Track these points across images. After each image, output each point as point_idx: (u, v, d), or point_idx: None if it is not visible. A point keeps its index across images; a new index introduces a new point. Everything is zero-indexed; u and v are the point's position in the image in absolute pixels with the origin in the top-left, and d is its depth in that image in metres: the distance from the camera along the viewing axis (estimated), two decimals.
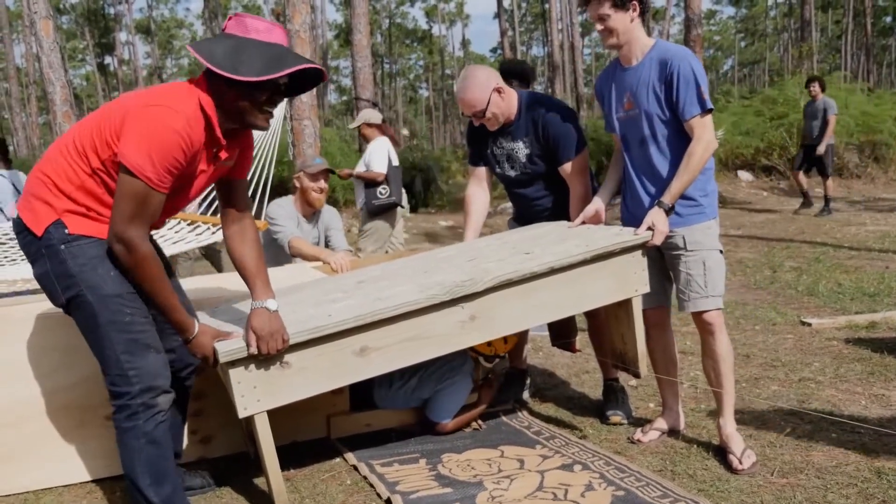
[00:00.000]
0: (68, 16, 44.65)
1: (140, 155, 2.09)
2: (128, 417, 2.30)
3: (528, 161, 3.33)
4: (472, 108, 3.22)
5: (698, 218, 2.84)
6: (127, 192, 2.12)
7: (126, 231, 2.15)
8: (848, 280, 5.93)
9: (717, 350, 2.86)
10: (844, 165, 13.94)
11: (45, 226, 2.22)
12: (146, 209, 2.16)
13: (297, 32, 8.78)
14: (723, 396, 2.89)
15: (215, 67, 2.12)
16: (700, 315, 2.85)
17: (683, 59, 2.76)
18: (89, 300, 2.24)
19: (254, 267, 2.43)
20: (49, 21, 8.78)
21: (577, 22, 28.44)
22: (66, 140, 2.28)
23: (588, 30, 52.33)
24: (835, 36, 47.59)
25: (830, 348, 4.21)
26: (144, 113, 2.12)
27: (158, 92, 2.22)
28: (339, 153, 13.70)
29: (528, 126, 3.28)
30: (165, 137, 2.10)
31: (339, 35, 47.80)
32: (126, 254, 2.17)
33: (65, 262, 2.22)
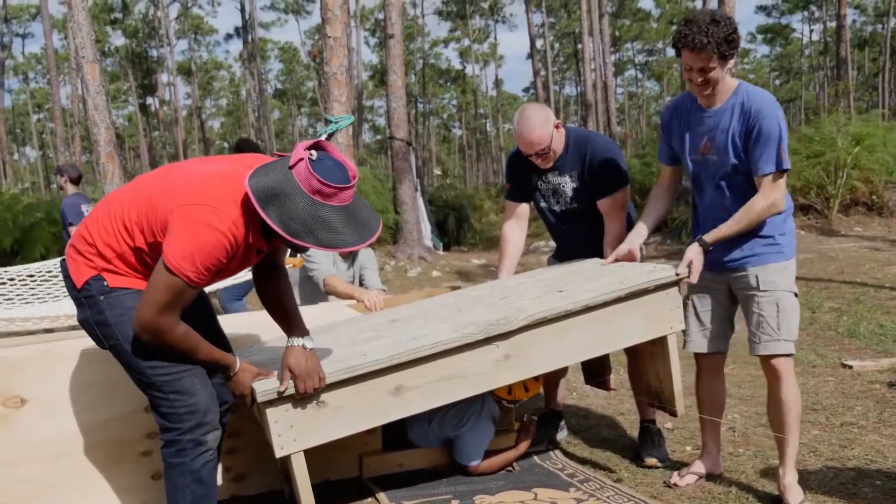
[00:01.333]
0: (112, 58, 46.05)
1: (183, 255, 2.07)
2: (176, 453, 2.32)
3: (575, 196, 3.34)
4: (537, 147, 3.20)
5: (775, 257, 2.77)
6: (163, 285, 2.10)
7: (156, 321, 2.13)
8: (890, 321, 5.80)
9: (784, 398, 2.76)
10: (885, 204, 13.71)
11: (85, 279, 2.27)
12: (179, 301, 2.15)
13: (334, 75, 8.97)
14: (785, 446, 2.79)
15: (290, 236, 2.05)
16: (769, 359, 2.76)
17: (769, 115, 2.65)
18: (127, 350, 2.28)
19: (288, 305, 2.45)
20: (96, 65, 9.09)
21: (609, 62, 28.60)
22: (115, 207, 2.27)
23: (621, 70, 52.57)
24: (872, 74, 47.17)
25: (873, 392, 4.10)
26: (191, 212, 2.10)
27: (206, 189, 2.15)
28: (373, 192, 13.84)
29: (576, 161, 3.29)
30: (210, 239, 2.08)
31: (374, 76, 48.59)
32: (156, 340, 2.18)
33: (103, 312, 2.27)
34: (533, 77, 31.34)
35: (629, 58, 56.31)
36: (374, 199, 13.38)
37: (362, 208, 2.21)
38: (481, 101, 55.50)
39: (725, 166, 2.77)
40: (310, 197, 2.07)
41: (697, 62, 2.65)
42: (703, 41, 2.59)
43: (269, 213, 2.04)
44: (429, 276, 11.21)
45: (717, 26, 2.59)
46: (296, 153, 2.10)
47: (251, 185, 2.05)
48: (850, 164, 13.20)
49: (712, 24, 2.60)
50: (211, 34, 50.51)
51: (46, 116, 47.27)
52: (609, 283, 2.84)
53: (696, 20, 2.63)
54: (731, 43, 2.62)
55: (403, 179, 12.87)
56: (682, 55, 2.69)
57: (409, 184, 12.91)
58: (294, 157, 2.09)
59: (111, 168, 9.07)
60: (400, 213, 13.02)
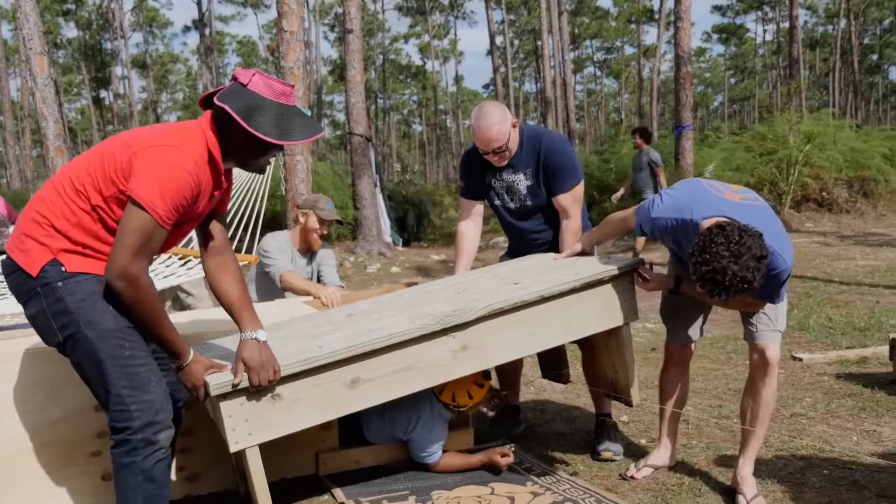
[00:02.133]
0: (65, 50, 44.97)
1: (152, 191, 2.11)
2: (127, 453, 2.26)
3: (529, 193, 3.35)
4: (495, 144, 3.19)
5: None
6: (135, 226, 2.12)
7: (130, 265, 2.13)
8: (838, 315, 5.95)
9: (764, 394, 2.77)
10: (834, 201, 14.06)
11: (41, 265, 2.21)
12: (150, 244, 2.17)
13: (290, 69, 8.88)
14: (750, 439, 2.82)
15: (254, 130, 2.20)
16: (761, 349, 2.76)
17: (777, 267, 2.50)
18: (88, 336, 2.22)
19: (238, 299, 2.40)
20: (44, 57, 8.85)
21: (568, 59, 28.80)
22: (61, 179, 2.27)
23: (580, 67, 53.00)
24: (823, 73, 48.32)
25: (821, 383, 4.20)
26: (155, 152, 2.16)
27: (166, 131, 2.25)
28: (333, 188, 13.76)
29: (530, 158, 3.30)
30: (176, 176, 2.14)
31: (333, 71, 48.26)
32: (129, 288, 2.16)
33: (62, 300, 2.21)
34: (493, 73, 31.43)
35: (588, 55, 56.80)
36: (334, 195, 13.27)
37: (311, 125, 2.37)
38: (441, 97, 55.49)
39: None
40: (276, 102, 2.25)
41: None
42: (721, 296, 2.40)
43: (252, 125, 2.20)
44: (388, 271, 11.18)
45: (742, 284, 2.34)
46: (243, 74, 2.26)
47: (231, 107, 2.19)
48: (802, 161, 13.52)
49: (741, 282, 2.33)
50: (167, 27, 49.60)
51: None
52: (565, 275, 2.86)
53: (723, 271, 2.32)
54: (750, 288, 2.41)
55: (363, 175, 12.80)
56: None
57: (369, 179, 12.83)
58: (244, 76, 2.26)
59: (61, 162, 8.84)
60: (359, 209, 12.95)
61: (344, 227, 13.39)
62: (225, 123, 2.25)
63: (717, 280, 2.34)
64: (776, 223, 2.61)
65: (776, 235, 2.52)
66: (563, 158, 3.27)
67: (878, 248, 10.36)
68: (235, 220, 5.93)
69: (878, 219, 13.87)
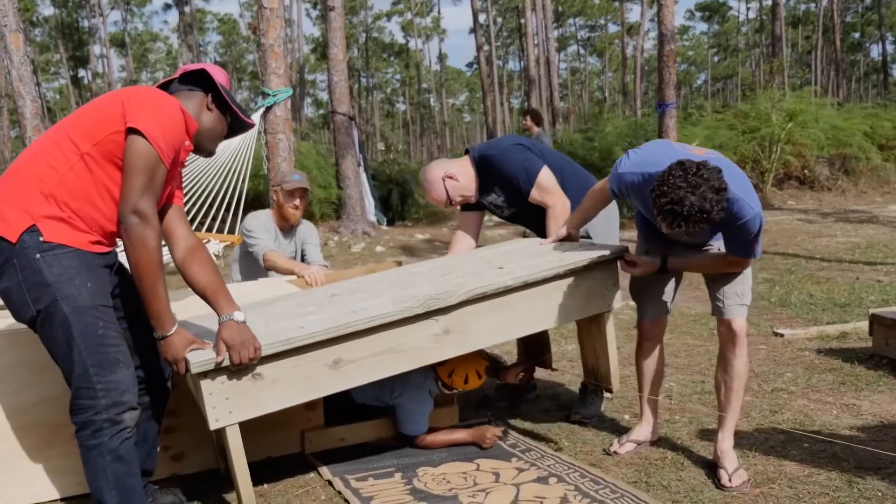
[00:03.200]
0: (41, 28, 44.23)
1: (154, 125, 2.21)
2: (92, 434, 2.25)
3: (509, 203, 3.49)
4: (442, 202, 3.43)
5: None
6: (140, 161, 2.18)
7: (140, 202, 2.17)
8: (819, 291, 6.01)
9: (736, 365, 2.80)
10: (815, 178, 14.17)
11: (20, 232, 2.17)
12: (155, 182, 2.22)
13: (270, 47, 8.76)
14: (728, 411, 2.85)
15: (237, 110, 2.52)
16: (729, 324, 2.79)
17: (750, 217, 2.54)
18: (63, 311, 2.19)
19: (210, 284, 2.36)
20: (19, 35, 8.69)
21: (552, 37, 28.71)
22: (39, 143, 2.29)
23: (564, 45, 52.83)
24: (805, 51, 48.47)
25: (802, 359, 4.25)
26: (150, 93, 2.31)
27: (145, 88, 2.38)
28: (316, 167, 13.66)
29: (490, 182, 3.45)
30: (172, 113, 2.27)
31: (315, 49, 47.79)
32: (140, 225, 2.17)
33: (40, 272, 2.18)
34: (476, 52, 31.22)
35: (572, 33, 56.66)
36: (317, 174, 13.20)
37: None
38: (425, 75, 55.18)
39: (698, 242, 2.84)
40: (227, 88, 2.51)
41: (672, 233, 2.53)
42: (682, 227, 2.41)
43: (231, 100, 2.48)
44: (372, 251, 11.16)
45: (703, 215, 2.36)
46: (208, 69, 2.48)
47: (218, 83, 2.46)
48: (784, 139, 13.59)
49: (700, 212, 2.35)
50: (145, 4, 48.88)
51: None
52: (549, 261, 2.86)
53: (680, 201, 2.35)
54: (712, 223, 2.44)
55: (346, 154, 12.72)
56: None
57: (352, 159, 12.76)
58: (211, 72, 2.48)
59: None
60: (343, 189, 12.88)
61: (328, 206, 13.34)
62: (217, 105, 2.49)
63: (675, 211, 2.37)
64: (742, 176, 2.64)
65: (741, 185, 2.57)
66: (508, 168, 3.36)
67: (859, 224, 10.45)
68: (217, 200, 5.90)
69: (858, 196, 14.00)
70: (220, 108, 2.50)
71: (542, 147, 3.52)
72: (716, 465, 2.82)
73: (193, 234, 2.48)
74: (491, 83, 30.98)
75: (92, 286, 2.24)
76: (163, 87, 2.45)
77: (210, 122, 2.48)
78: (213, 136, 2.52)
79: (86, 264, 2.24)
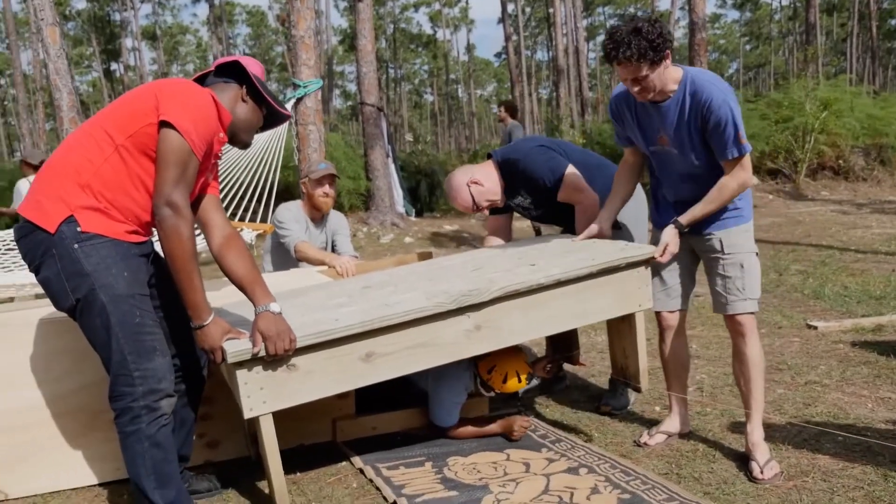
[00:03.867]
0: (74, 22, 44.83)
1: (186, 118, 2.24)
2: (131, 421, 2.31)
3: (537, 205, 3.50)
4: (469, 209, 3.43)
5: (735, 221, 2.82)
6: (173, 155, 2.22)
7: (173, 194, 2.21)
8: (854, 283, 5.92)
9: (749, 354, 2.83)
10: (850, 168, 13.92)
11: (58, 222, 2.23)
12: (188, 174, 2.25)
13: (301, 38, 8.81)
14: (751, 402, 2.86)
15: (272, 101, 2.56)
16: (734, 317, 2.82)
17: (719, 103, 2.60)
18: (102, 300, 2.25)
19: (248, 274, 2.39)
20: (55, 28, 8.83)
21: (581, 26, 28.46)
22: (75, 136, 2.33)
23: (593, 34, 52.38)
24: (840, 39, 47.51)
25: (836, 351, 4.20)
26: (183, 85, 2.34)
27: (182, 79, 2.44)
28: (345, 158, 13.71)
29: (515, 187, 3.45)
30: (203, 105, 2.30)
31: (343, 40, 47.93)
32: (173, 217, 2.21)
33: (78, 261, 2.23)
34: (504, 42, 31.09)
35: (601, 22, 56.08)
36: (346, 166, 13.25)
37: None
38: (453, 66, 55.04)
39: (688, 158, 2.78)
40: (262, 80, 2.54)
41: (628, 74, 2.61)
42: (626, 54, 2.54)
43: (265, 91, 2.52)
44: (401, 242, 11.20)
45: (638, 35, 2.52)
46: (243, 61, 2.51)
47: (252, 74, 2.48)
48: (818, 128, 13.36)
49: (633, 33, 2.53)
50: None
51: (8, 83, 46.03)
52: (581, 259, 2.86)
53: (617, 32, 2.57)
54: (657, 48, 2.55)
55: (375, 145, 12.75)
56: (617, 71, 2.66)
57: (381, 150, 12.79)
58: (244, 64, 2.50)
59: None
60: (371, 180, 12.93)
61: (356, 197, 13.40)
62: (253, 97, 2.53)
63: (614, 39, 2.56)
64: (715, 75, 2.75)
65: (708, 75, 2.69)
66: (532, 171, 3.36)
67: (895, 215, 10.26)
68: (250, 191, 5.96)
69: (895, 186, 13.73)
70: (254, 100, 2.52)
71: (564, 145, 3.52)
72: (747, 457, 2.81)
73: (229, 224, 2.51)
74: (519, 73, 30.84)
75: (129, 275, 2.29)
76: (199, 81, 2.48)
77: (245, 113, 2.51)
78: (248, 127, 2.54)
79: (122, 254, 2.29)
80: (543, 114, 40.89)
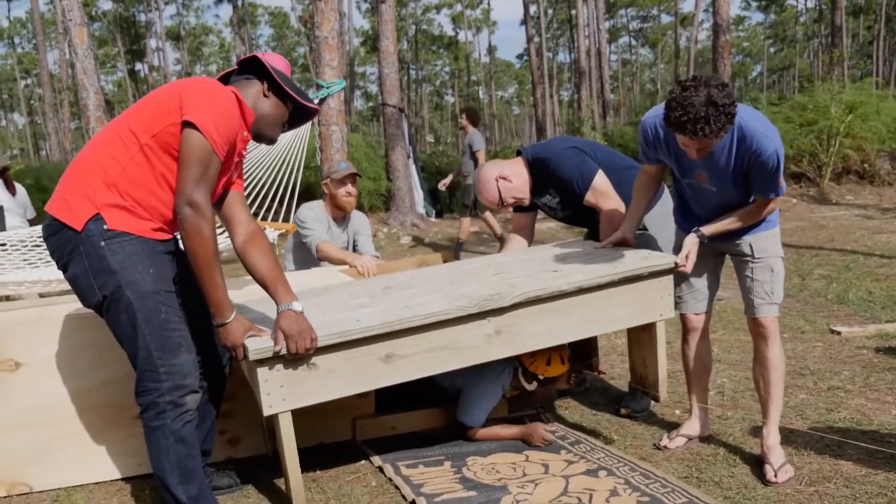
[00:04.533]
0: (100, 23, 45.34)
1: (208, 118, 2.24)
2: (156, 416, 2.34)
3: (564, 206, 3.49)
4: (496, 204, 3.44)
5: (766, 226, 2.81)
6: (195, 154, 2.23)
7: (194, 193, 2.22)
8: (879, 288, 5.85)
9: (770, 357, 2.83)
10: (876, 173, 13.73)
11: (85, 220, 2.26)
12: (209, 173, 2.26)
13: (325, 39, 8.86)
14: (770, 406, 2.85)
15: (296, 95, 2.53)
16: (758, 320, 2.82)
17: (767, 153, 2.54)
18: (128, 296, 2.28)
19: (271, 272, 2.42)
20: (83, 28, 8.96)
21: (603, 28, 28.35)
22: (101, 135, 2.36)
23: (615, 36, 52.15)
24: (866, 42, 46.89)
25: (860, 357, 4.16)
26: (205, 85, 2.34)
27: (204, 79, 2.42)
28: (366, 159, 13.76)
29: (544, 186, 3.45)
30: (226, 105, 2.31)
31: (365, 42, 48.08)
32: (194, 216, 2.22)
33: (105, 259, 2.27)
34: (526, 43, 31.02)
35: (623, 24, 55.86)
36: (367, 166, 13.29)
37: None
38: (474, 67, 55.01)
39: (722, 195, 2.76)
40: (287, 75, 2.53)
41: (696, 145, 2.50)
42: (706, 132, 2.39)
43: (288, 86, 2.48)
44: (421, 243, 11.22)
45: (716, 109, 2.36)
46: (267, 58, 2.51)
47: (273, 70, 2.47)
48: (843, 132, 13.19)
49: (710, 106, 2.36)
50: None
51: (34, 82, 46.67)
52: (603, 267, 2.86)
53: (690, 104, 2.37)
54: (731, 117, 2.43)
55: (396, 146, 12.79)
56: (677, 135, 2.52)
57: (402, 151, 12.82)
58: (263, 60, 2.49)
59: None
60: (392, 181, 12.96)
61: (377, 198, 13.43)
62: (275, 93, 2.51)
63: (688, 114, 2.38)
64: (760, 114, 2.68)
65: (758, 119, 2.61)
66: (563, 172, 3.34)
67: None
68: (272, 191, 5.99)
69: None
70: (277, 95, 2.51)
71: (594, 147, 3.50)
72: (762, 460, 2.80)
73: (253, 221, 2.53)
74: (541, 75, 30.76)
75: (154, 272, 2.32)
76: (222, 79, 2.50)
77: (268, 108, 2.50)
78: (272, 122, 2.53)
79: (148, 251, 2.32)
80: (565, 116, 40.78)
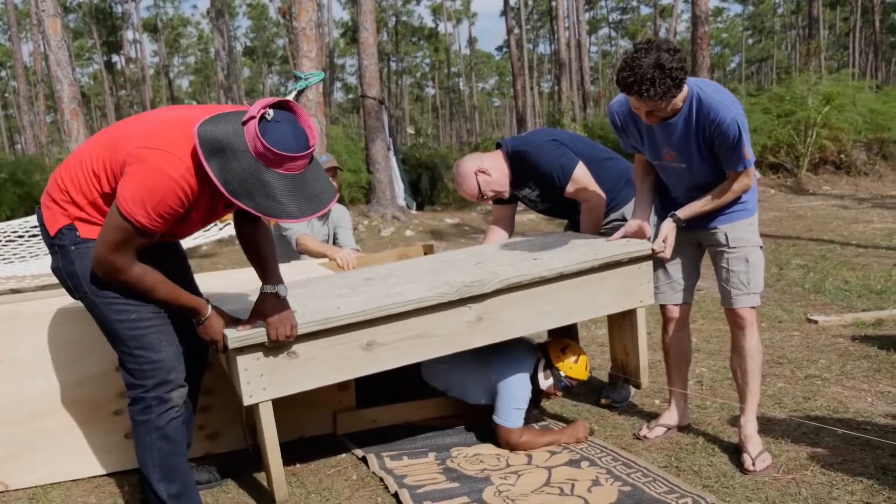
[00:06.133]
0: (75, 14, 44.74)
1: (133, 199, 2.05)
2: (142, 411, 2.33)
3: (543, 199, 3.47)
4: (475, 198, 3.43)
5: (741, 215, 2.81)
6: (115, 225, 2.10)
7: (108, 257, 2.15)
8: (855, 277, 5.92)
9: (747, 347, 2.84)
10: (852, 163, 13.90)
11: (58, 227, 2.26)
12: (131, 243, 2.14)
13: (303, 30, 8.80)
14: (747, 395, 2.87)
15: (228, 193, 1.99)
16: (735, 311, 2.82)
17: (727, 123, 2.54)
18: (95, 302, 2.28)
19: (266, 253, 2.43)
20: (57, 19, 8.83)
21: (583, 20, 28.41)
22: (84, 154, 2.26)
23: (595, 28, 52.25)
24: (843, 33, 47.37)
25: (836, 346, 4.20)
26: (143, 155, 2.07)
27: (170, 130, 2.12)
28: (346, 151, 13.70)
29: (523, 178, 3.43)
30: (161, 184, 2.05)
31: (345, 33, 47.80)
32: (108, 276, 2.20)
33: (73, 263, 2.27)
34: (506, 35, 31.03)
35: (603, 16, 55.98)
36: (347, 159, 13.23)
37: (316, 180, 2.09)
38: (454, 59, 54.94)
39: (694, 172, 2.76)
40: (253, 158, 1.98)
41: (645, 107, 2.53)
42: (650, 93, 2.43)
43: (211, 165, 1.98)
44: (402, 235, 11.20)
45: (662, 72, 2.40)
46: (253, 108, 2.01)
47: (199, 132, 1.99)
48: (820, 123, 13.35)
49: (657, 69, 2.40)
50: None
51: (9, 75, 45.99)
52: (583, 254, 2.87)
53: (637, 63, 2.42)
54: (679, 83, 2.47)
55: (376, 138, 12.75)
56: (630, 100, 2.57)
57: (382, 143, 12.79)
58: (250, 112, 2.00)
59: (76, 125, 8.87)
60: (373, 173, 12.93)
61: (357, 190, 13.39)
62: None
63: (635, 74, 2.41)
64: (719, 86, 2.69)
65: (717, 90, 2.62)
66: (542, 165, 3.33)
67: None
68: None
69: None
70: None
71: (575, 139, 3.49)
72: (740, 449, 2.82)
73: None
74: (521, 67, 30.77)
75: None
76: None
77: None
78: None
79: None
80: (545, 107, 40.84)
